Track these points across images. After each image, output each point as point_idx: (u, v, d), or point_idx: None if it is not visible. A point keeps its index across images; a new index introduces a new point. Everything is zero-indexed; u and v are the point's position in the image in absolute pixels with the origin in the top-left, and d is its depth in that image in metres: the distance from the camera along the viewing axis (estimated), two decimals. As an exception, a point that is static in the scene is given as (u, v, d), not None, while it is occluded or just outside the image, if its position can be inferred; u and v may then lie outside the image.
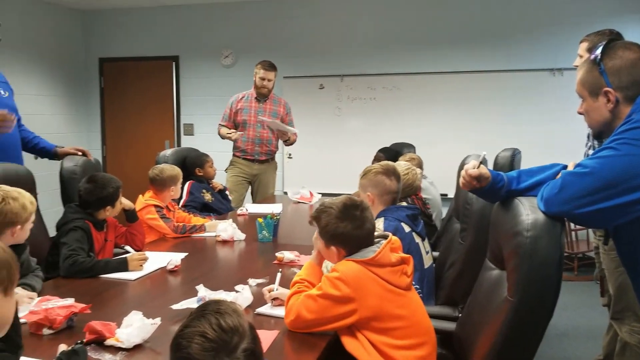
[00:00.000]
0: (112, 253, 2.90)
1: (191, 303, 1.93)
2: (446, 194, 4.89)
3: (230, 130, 4.77)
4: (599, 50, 1.59)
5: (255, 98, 4.81)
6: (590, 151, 2.72)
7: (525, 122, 5.67)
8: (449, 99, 5.88)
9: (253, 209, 4.22)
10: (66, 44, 6.79)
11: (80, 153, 3.30)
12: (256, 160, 4.85)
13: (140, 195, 3.45)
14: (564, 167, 1.66)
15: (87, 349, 1.55)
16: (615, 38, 1.86)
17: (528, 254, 1.44)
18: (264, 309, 2.02)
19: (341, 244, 1.85)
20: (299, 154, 6.34)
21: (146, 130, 6.95)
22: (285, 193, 5.30)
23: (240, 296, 2.02)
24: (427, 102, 5.94)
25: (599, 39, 2.61)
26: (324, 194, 4.85)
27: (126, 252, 2.71)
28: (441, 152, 5.72)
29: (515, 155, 3.92)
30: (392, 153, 4.55)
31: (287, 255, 2.71)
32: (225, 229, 3.22)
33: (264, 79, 4.72)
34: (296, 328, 1.81)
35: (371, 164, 2.75)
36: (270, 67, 4.74)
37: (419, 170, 3.29)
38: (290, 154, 6.37)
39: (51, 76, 6.54)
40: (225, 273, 2.75)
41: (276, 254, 2.74)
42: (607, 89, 1.56)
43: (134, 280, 2.44)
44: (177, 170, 3.57)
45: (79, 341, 1.52)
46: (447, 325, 2.10)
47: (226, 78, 6.46)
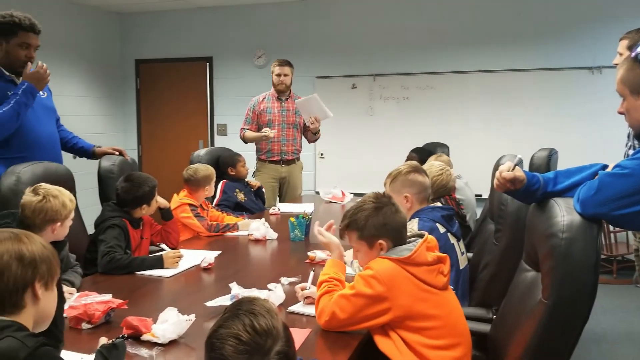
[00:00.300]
0: (148, 250, 2.95)
1: (225, 300, 1.95)
2: (480, 195, 4.83)
3: (266, 130, 4.61)
4: (640, 48, 1.56)
5: (277, 98, 4.79)
6: (631, 151, 2.65)
7: (562, 122, 5.54)
8: (484, 98, 5.79)
9: (285, 208, 4.25)
10: (104, 46, 6.94)
11: (117, 153, 3.37)
12: (283, 161, 4.79)
13: (175, 194, 3.51)
14: (603, 167, 1.62)
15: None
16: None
17: (563, 256, 1.41)
18: (296, 307, 2.03)
19: (387, 234, 1.83)
20: (331, 153, 6.35)
21: (180, 130, 7.06)
22: (317, 193, 5.30)
23: (273, 294, 2.04)
24: (462, 101, 5.86)
25: (640, 36, 2.54)
26: (355, 194, 4.84)
27: (161, 250, 2.76)
28: (476, 152, 5.65)
29: (551, 155, 3.85)
30: (425, 153, 4.52)
31: (319, 254, 2.72)
32: (257, 228, 3.25)
33: (280, 74, 4.71)
34: (330, 328, 1.81)
35: (400, 166, 2.71)
36: (285, 63, 4.75)
37: (453, 171, 3.26)
38: (322, 154, 6.38)
39: (89, 78, 6.70)
40: (257, 271, 2.78)
41: (308, 253, 2.75)
42: (649, 87, 1.52)
43: (169, 277, 2.49)
44: (211, 170, 3.62)
45: (122, 335, 1.55)
46: (481, 327, 2.08)
47: (259, 78, 6.50)
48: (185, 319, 1.76)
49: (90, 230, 2.87)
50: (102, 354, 1.40)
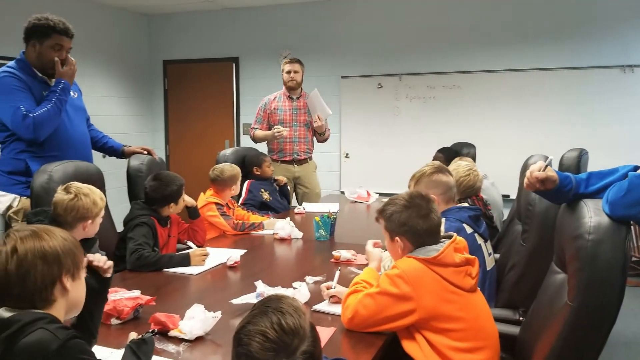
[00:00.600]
0: (175, 248, 3.00)
1: (250, 298, 1.97)
2: (508, 195, 4.77)
3: (278, 128, 4.61)
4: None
5: (288, 97, 4.78)
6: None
7: (593, 122, 5.43)
8: (511, 97, 5.71)
9: (310, 207, 4.26)
10: (132, 48, 7.06)
11: (145, 152, 3.42)
12: (295, 161, 4.76)
13: (202, 193, 3.55)
14: (635, 169, 1.59)
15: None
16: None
17: (589, 258, 1.39)
18: (321, 306, 2.04)
19: (405, 234, 1.84)
20: (357, 153, 6.34)
21: (207, 130, 7.14)
22: (342, 192, 5.30)
23: (298, 293, 2.05)
24: (489, 101, 5.79)
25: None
26: (381, 194, 4.83)
27: (188, 248, 2.80)
28: (503, 152, 5.58)
29: (582, 156, 3.78)
30: (451, 153, 4.48)
31: (344, 254, 2.72)
32: (283, 227, 3.27)
33: (290, 71, 4.70)
34: (354, 326, 1.81)
35: (422, 167, 2.69)
36: (295, 60, 4.76)
37: (480, 171, 3.23)
38: (347, 154, 6.38)
39: (118, 79, 6.82)
40: (282, 270, 2.80)
41: (333, 253, 2.76)
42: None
43: (196, 274, 2.52)
44: (237, 170, 3.66)
45: (151, 330, 1.58)
46: (507, 329, 2.06)
47: (285, 78, 6.52)
48: (212, 316, 1.79)
49: (119, 228, 2.93)
50: (132, 349, 1.42)
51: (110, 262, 1.58)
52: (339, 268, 2.22)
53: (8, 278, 1.23)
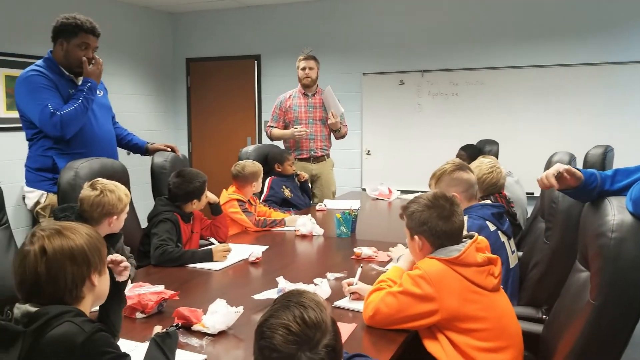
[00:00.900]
0: (198, 244, 3.03)
1: (272, 294, 1.99)
2: (532, 193, 4.71)
3: (297, 127, 4.64)
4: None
5: (304, 94, 4.77)
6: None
7: (618, 118, 5.32)
8: (535, 93, 5.63)
9: (331, 204, 4.27)
10: (155, 46, 7.13)
11: (169, 149, 3.45)
12: (312, 158, 4.75)
13: (224, 190, 3.58)
14: (661, 166, 1.56)
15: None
16: None
17: (612, 256, 1.38)
18: (342, 302, 2.05)
19: (424, 234, 1.84)
20: (378, 150, 6.32)
21: (229, 127, 7.18)
22: (364, 189, 5.29)
23: (319, 289, 2.06)
24: (513, 97, 5.72)
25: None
26: (402, 191, 4.81)
27: (211, 244, 2.83)
28: (527, 149, 5.51)
29: (607, 152, 3.73)
30: (474, 150, 4.45)
31: (365, 250, 2.72)
32: (304, 223, 3.29)
33: (304, 68, 4.69)
34: (374, 323, 1.82)
35: (442, 165, 2.67)
36: (309, 56, 4.74)
37: (504, 169, 3.20)
38: (369, 151, 6.37)
39: (142, 77, 6.91)
40: (304, 266, 2.81)
41: (354, 250, 2.76)
42: None
43: (218, 270, 2.55)
44: (259, 166, 3.68)
45: (175, 324, 1.60)
46: (530, 327, 2.04)
47: (306, 75, 6.53)
48: (234, 311, 1.81)
49: (144, 223, 2.97)
50: (156, 342, 1.45)
51: (126, 263, 1.55)
52: (361, 265, 2.22)
53: (39, 279, 1.26)
